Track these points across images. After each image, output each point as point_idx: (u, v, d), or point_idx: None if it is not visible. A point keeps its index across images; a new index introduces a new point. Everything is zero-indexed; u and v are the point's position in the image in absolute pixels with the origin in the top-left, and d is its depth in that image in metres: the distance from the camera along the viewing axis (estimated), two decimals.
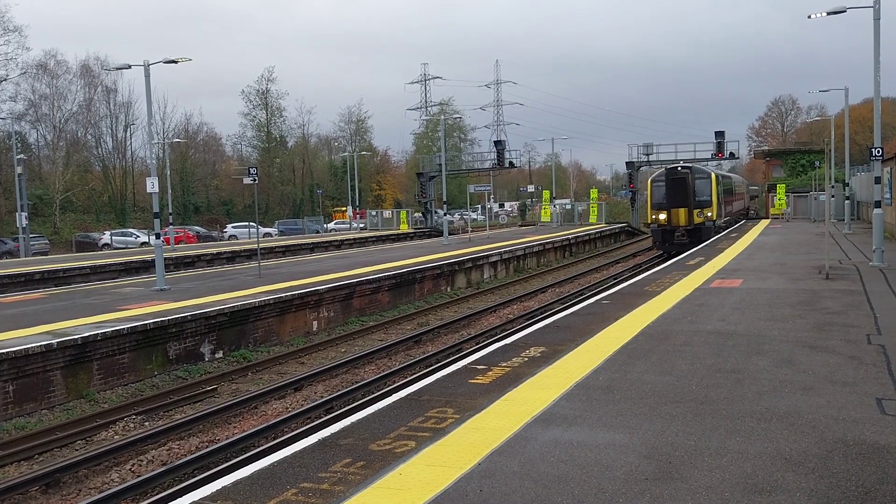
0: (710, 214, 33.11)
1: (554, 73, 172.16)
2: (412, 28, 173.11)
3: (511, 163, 64.02)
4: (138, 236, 53.47)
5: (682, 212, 32.72)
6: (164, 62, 22.42)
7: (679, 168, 34.01)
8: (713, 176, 33.95)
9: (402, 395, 8.28)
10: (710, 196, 33.34)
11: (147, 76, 21.43)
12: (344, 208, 73.26)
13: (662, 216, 33.07)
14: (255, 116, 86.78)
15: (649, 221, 34.54)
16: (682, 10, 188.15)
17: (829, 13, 23.60)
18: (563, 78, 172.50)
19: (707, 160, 53.06)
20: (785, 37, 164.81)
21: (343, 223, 69.39)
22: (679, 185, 32.85)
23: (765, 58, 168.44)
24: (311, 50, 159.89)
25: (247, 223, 61.27)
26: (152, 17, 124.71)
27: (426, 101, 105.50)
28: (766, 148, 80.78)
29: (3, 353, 11.95)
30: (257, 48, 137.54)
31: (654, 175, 35.88)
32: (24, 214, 43.01)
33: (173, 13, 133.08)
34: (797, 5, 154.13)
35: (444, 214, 43.85)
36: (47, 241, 51.44)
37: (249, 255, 35.75)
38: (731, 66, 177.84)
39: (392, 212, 69.06)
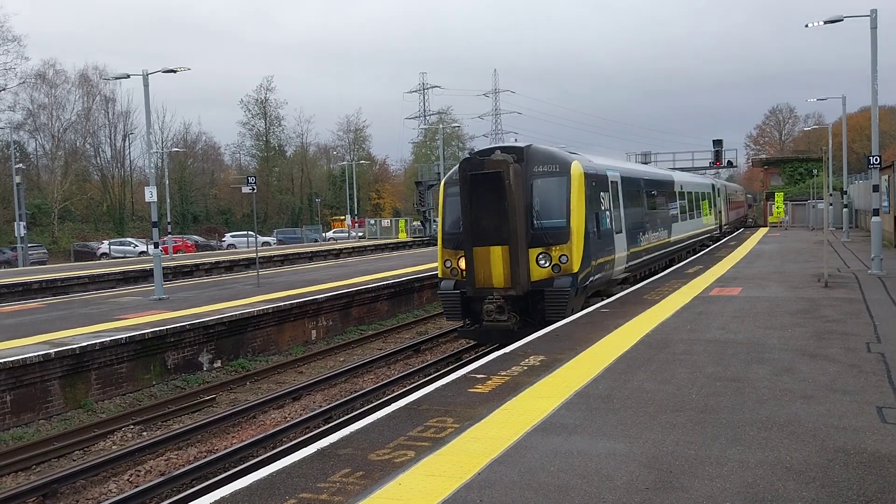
0: (564, 260, 14.96)
1: (545, 81, 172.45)
2: (402, 38, 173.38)
3: None
4: (137, 245, 53.44)
5: (497, 255, 14.52)
6: (163, 72, 22.46)
7: (493, 155, 14.94)
8: (574, 171, 15.42)
9: (402, 405, 8.24)
10: (566, 217, 15.19)
11: (146, 86, 21.46)
12: (343, 217, 73.34)
13: (461, 262, 15.33)
14: (253, 126, 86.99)
15: (440, 273, 16.13)
16: (670, 19, 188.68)
17: (826, 22, 23.72)
18: (553, 86, 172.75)
19: (706, 169, 53.12)
20: (774, 46, 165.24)
21: (342, 232, 69.42)
22: (490, 192, 14.44)
23: (754, 67, 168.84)
24: (304, 60, 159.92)
25: (245, 232, 61.27)
26: (142, 27, 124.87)
27: (425, 110, 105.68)
28: (765, 156, 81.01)
29: (0, 362, 11.92)
30: (248, 58, 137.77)
31: (450, 172, 16.86)
32: (23, 224, 42.99)
33: (163, 24, 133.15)
34: (785, 15, 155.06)
35: None
36: (45, 251, 51.42)
37: (248, 264, 35.72)
38: (722, 75, 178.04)
39: (391, 220, 69.15)
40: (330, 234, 70.89)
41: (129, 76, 22.98)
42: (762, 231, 46.38)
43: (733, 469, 5.98)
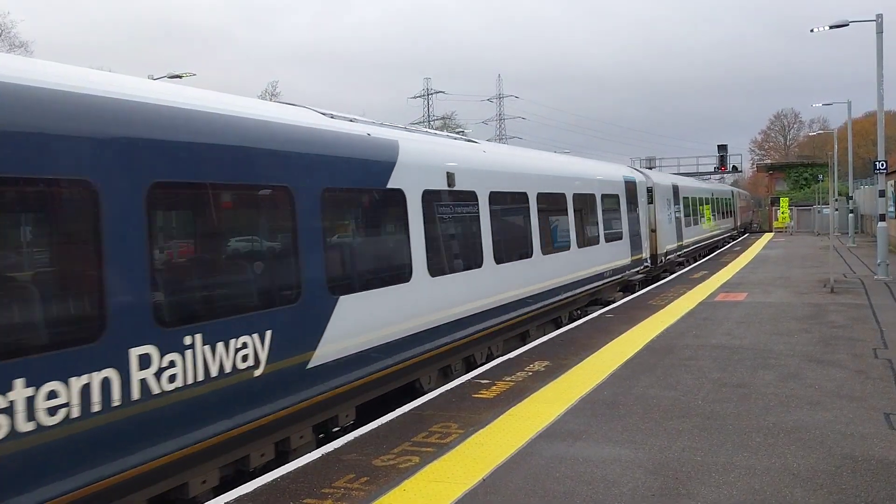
0: None
1: (549, 88, 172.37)
2: (403, 45, 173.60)
3: None
4: None
5: None
6: (169, 77, 22.53)
7: None
8: None
9: (406, 410, 8.22)
10: None
11: None
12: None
13: None
14: None
15: None
16: (672, 27, 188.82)
17: (831, 27, 23.72)
18: (557, 92, 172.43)
19: (710, 174, 53.04)
20: (778, 51, 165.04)
21: None
22: None
23: (758, 72, 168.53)
24: (304, 66, 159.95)
25: None
26: (137, 35, 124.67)
27: (429, 116, 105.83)
28: (769, 161, 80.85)
29: None
30: (243, 66, 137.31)
31: None
32: None
33: (156, 32, 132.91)
34: (789, 20, 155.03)
35: None
36: None
37: None
38: (725, 81, 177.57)
39: None
40: None
41: None
42: (767, 236, 46.28)
43: (740, 476, 5.94)
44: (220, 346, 6.18)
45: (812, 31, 25.38)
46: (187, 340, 5.90)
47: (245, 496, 5.88)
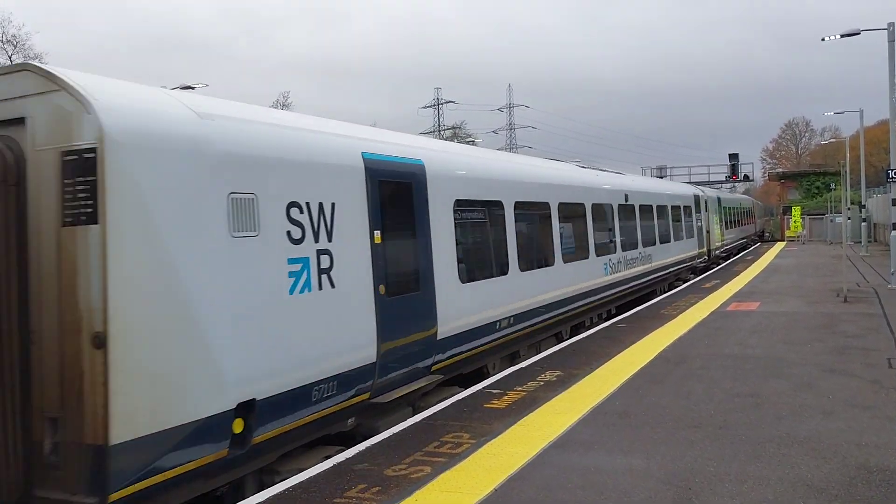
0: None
1: (553, 99, 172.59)
2: (410, 54, 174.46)
3: None
4: None
5: None
6: (181, 88, 22.70)
7: None
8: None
9: (418, 420, 8.22)
10: None
11: None
12: None
13: None
14: None
15: None
16: (678, 36, 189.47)
17: (842, 36, 23.69)
18: (565, 101, 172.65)
19: (721, 182, 52.88)
20: (789, 60, 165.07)
21: None
22: None
23: (768, 81, 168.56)
24: (302, 76, 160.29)
25: None
26: (138, 46, 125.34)
27: (439, 125, 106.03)
28: (781, 170, 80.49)
29: None
30: (245, 76, 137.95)
31: None
32: None
33: (159, 44, 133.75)
34: (799, 29, 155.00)
35: None
36: None
37: None
38: (735, 90, 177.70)
39: None
40: None
41: None
42: (779, 245, 46.03)
43: (753, 486, 5.91)
44: None
45: (823, 39, 25.38)
46: None
47: None
